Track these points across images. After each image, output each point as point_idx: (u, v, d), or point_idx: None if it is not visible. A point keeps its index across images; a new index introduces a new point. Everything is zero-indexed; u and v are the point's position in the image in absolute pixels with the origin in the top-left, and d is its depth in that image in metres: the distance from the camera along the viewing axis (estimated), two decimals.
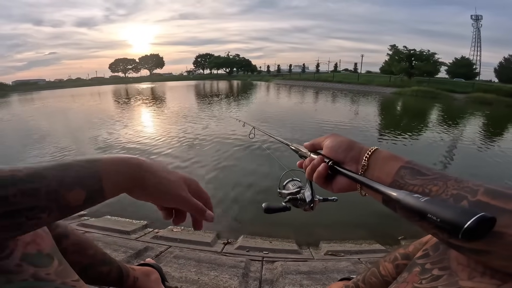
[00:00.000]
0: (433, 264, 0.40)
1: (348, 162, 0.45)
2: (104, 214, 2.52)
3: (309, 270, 1.37)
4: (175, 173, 0.44)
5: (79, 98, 22.58)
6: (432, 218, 0.28)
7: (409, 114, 13.39)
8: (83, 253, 0.66)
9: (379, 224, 2.60)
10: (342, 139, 0.48)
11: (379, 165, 0.42)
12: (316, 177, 0.48)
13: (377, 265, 0.68)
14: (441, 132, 8.03)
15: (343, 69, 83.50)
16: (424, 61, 31.27)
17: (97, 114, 11.20)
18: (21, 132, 8.23)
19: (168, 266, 1.31)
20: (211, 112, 11.15)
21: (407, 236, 2.26)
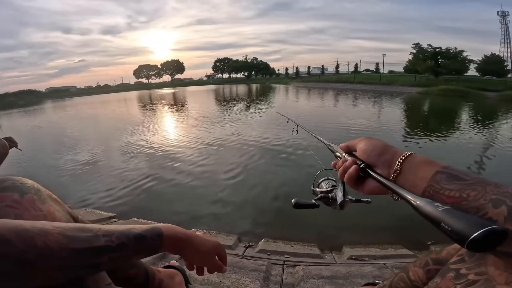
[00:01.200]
0: (469, 270, 0.40)
1: (380, 165, 0.45)
2: (131, 216, 2.63)
3: (331, 275, 1.35)
4: (208, 243, 0.57)
5: (108, 104, 23.76)
6: (445, 227, 0.30)
7: (437, 114, 12.73)
8: None
9: (406, 229, 2.49)
10: (376, 142, 0.48)
11: (413, 170, 0.41)
12: (346, 178, 0.49)
13: (406, 270, 0.66)
14: (473, 133, 7.56)
15: (364, 69, 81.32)
16: (451, 59, 29.65)
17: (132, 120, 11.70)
18: (57, 138, 8.76)
19: None
20: (236, 116, 11.29)
21: (437, 241, 2.15)
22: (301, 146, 5.56)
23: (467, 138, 6.95)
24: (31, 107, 29.48)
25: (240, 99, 20.85)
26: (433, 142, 6.37)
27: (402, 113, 12.21)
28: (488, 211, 0.32)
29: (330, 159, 0.58)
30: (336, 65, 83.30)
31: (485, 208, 0.32)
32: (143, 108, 17.99)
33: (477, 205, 0.33)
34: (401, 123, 9.44)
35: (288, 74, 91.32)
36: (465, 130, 8.07)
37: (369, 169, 0.46)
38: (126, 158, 5.51)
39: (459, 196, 0.35)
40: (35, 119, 16.79)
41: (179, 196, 3.51)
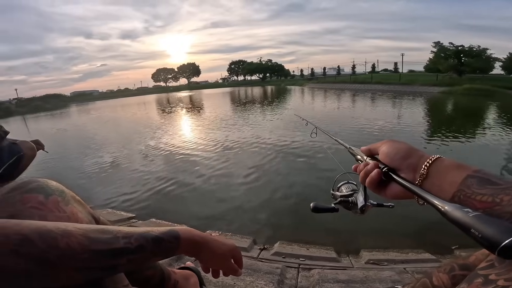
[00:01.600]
0: (498, 275, 0.38)
1: (405, 169, 0.44)
2: (150, 217, 2.70)
3: (348, 279, 1.32)
4: (223, 246, 0.56)
5: (129, 107, 24.61)
6: (475, 234, 0.29)
7: (462, 114, 12.15)
8: None
9: (428, 233, 2.40)
10: (400, 145, 0.47)
11: (441, 174, 0.40)
12: (368, 182, 0.48)
13: (429, 276, 0.64)
14: (503, 134, 7.15)
15: (381, 69, 79.00)
16: (474, 57, 28.28)
17: (151, 123, 12.01)
18: (82, 141, 9.13)
19: None
20: (253, 118, 11.35)
21: (462, 245, 2.05)
22: (318, 149, 5.50)
23: (496, 139, 6.58)
24: (57, 111, 31.09)
25: (256, 101, 20.93)
26: (461, 144, 6.09)
27: (425, 114, 11.74)
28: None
29: (350, 163, 0.57)
30: (353, 65, 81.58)
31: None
32: (162, 111, 18.46)
33: (511, 210, 0.32)
34: (424, 124, 9.08)
35: (303, 75, 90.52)
36: (493, 130, 7.64)
37: (392, 173, 0.45)
38: (146, 160, 5.67)
39: (491, 201, 0.33)
40: (61, 122, 17.68)
41: (196, 198, 3.57)
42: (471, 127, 8.30)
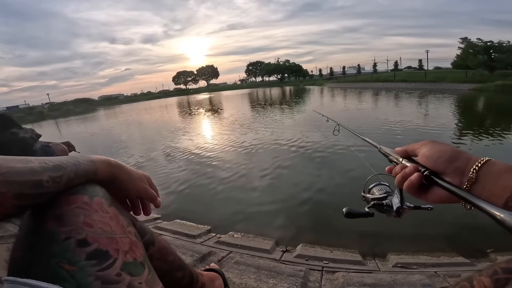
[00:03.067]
0: None
1: (450, 173, 0.41)
2: (174, 218, 2.78)
3: (374, 283, 1.28)
4: (137, 171, 0.60)
5: (152, 110, 25.44)
6: None
7: (495, 112, 11.37)
8: (164, 259, 0.70)
9: (460, 235, 2.28)
10: (443, 147, 0.44)
11: (493, 178, 0.37)
12: (407, 186, 0.46)
13: (470, 280, 0.60)
14: None
15: (405, 67, 75.70)
16: (505, 53, 26.42)
17: (174, 126, 12.29)
18: (110, 144, 9.56)
19: (230, 272, 1.37)
20: (273, 117, 11.36)
21: (498, 248, 1.92)
22: (340, 148, 5.39)
23: None
24: (87, 115, 32.80)
25: (275, 102, 20.88)
26: (494, 144, 5.69)
27: (456, 112, 11.10)
28: None
29: (375, 162, 0.54)
30: (374, 63, 79.10)
31: None
32: (183, 113, 18.91)
33: None
34: (455, 123, 8.59)
35: (322, 75, 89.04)
36: None
37: (435, 177, 0.42)
38: (169, 162, 5.81)
39: None
40: (91, 125, 18.63)
41: (218, 199, 3.61)
42: (507, 125, 7.74)
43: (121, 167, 0.56)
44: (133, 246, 0.44)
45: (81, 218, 0.41)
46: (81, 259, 0.38)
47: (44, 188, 0.41)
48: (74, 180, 0.45)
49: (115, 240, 0.42)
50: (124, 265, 0.41)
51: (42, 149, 1.54)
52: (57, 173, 0.43)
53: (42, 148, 1.53)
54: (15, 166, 0.39)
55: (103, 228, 0.42)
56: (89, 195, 0.45)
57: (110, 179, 0.52)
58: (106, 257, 0.39)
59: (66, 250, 0.38)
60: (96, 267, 0.38)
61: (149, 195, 0.61)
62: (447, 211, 2.49)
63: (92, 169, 0.49)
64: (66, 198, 0.43)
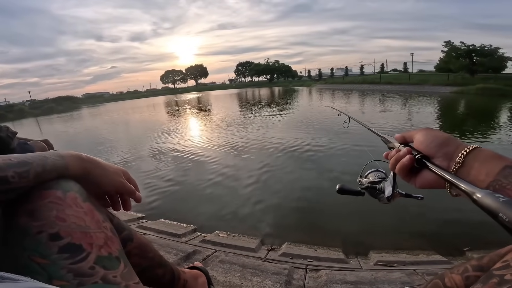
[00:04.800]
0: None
1: (440, 157, 0.43)
2: (159, 217, 2.73)
3: (356, 280, 1.31)
4: (113, 166, 0.58)
5: (139, 109, 24.94)
6: (502, 218, 0.29)
7: (475, 114, 11.83)
8: (144, 255, 0.70)
9: (439, 234, 2.36)
10: (437, 133, 0.46)
11: (478, 163, 0.39)
12: (398, 168, 0.48)
13: (442, 277, 0.64)
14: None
15: (391, 69, 77.80)
16: (487, 57, 27.57)
17: (160, 125, 12.15)
18: (92, 142, 9.35)
19: (214, 270, 1.37)
20: (260, 117, 11.38)
21: (474, 247, 2.00)
22: (331, 148, 5.46)
23: (508, 138, 6.39)
24: (69, 113, 31.81)
25: (264, 102, 20.94)
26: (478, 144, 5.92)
27: (438, 114, 11.50)
28: None
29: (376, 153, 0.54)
30: (361, 65, 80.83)
31: None
32: (171, 113, 18.65)
33: None
34: (437, 125, 8.88)
35: (310, 76, 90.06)
36: (508, 131, 7.43)
37: (426, 160, 0.44)
38: (155, 161, 5.74)
39: None
40: (74, 124, 18.07)
41: (204, 199, 3.59)
42: (486, 127, 8.08)
43: (94, 161, 0.54)
44: (109, 241, 0.45)
45: (53, 213, 0.41)
46: (53, 253, 0.38)
47: (11, 184, 0.40)
48: (42, 174, 0.44)
49: (89, 234, 0.42)
50: (98, 259, 0.41)
51: (21, 146, 1.48)
52: (23, 168, 0.42)
53: (20, 146, 1.47)
54: None
55: (77, 223, 0.42)
56: (62, 190, 0.44)
57: (83, 174, 0.51)
58: (79, 250, 0.40)
59: (38, 243, 0.39)
60: (69, 260, 0.39)
61: (127, 189, 0.59)
62: (428, 209, 2.58)
63: (61, 164, 0.48)
64: (39, 193, 0.43)
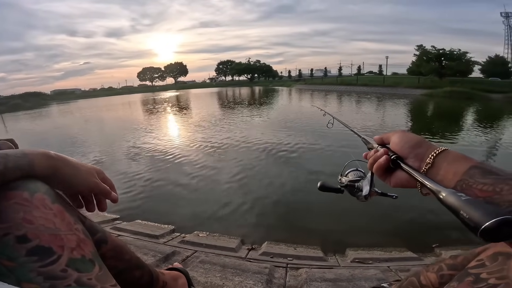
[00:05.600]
0: (490, 274, 0.39)
1: (412, 158, 0.46)
2: (135, 218, 2.64)
3: (334, 278, 1.34)
4: (86, 165, 0.55)
5: (114, 107, 23.93)
6: (463, 215, 0.30)
7: (443, 116, 12.61)
8: (119, 258, 0.68)
9: (411, 231, 2.49)
10: (411, 135, 0.49)
11: (446, 164, 0.41)
12: (375, 168, 0.50)
13: (417, 275, 0.65)
14: (480, 135, 7.48)
15: (367, 71, 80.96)
16: (455, 61, 29.46)
17: (137, 124, 11.73)
18: (63, 141, 8.86)
19: (194, 271, 1.34)
20: (239, 118, 11.32)
21: (441, 243, 2.13)
22: (314, 146, 5.55)
23: (476, 140, 6.88)
24: (37, 110, 29.83)
25: (244, 101, 20.91)
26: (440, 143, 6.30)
27: (409, 116, 12.13)
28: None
29: None
30: (339, 67, 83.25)
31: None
32: (148, 112, 18.05)
33: (510, 199, 0.32)
34: (408, 127, 9.36)
35: (291, 76, 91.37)
36: (474, 132, 7.98)
37: (400, 161, 0.47)
38: (131, 161, 5.54)
39: (492, 190, 0.34)
40: (41, 121, 16.98)
41: (183, 199, 3.52)
42: (453, 129, 8.63)
43: (64, 160, 0.50)
44: (81, 243, 0.44)
45: (20, 215, 0.39)
46: (21, 255, 0.38)
47: None
48: (5, 173, 0.41)
49: (60, 237, 0.41)
50: (70, 261, 0.40)
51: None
52: None
53: None
54: None
55: (45, 225, 0.41)
56: (29, 191, 0.42)
57: (51, 173, 0.48)
58: (49, 253, 0.39)
59: (5, 246, 0.38)
60: (38, 263, 0.38)
61: (101, 190, 0.56)
62: (400, 208, 2.71)
63: (24, 162, 0.44)
64: (3, 194, 0.41)
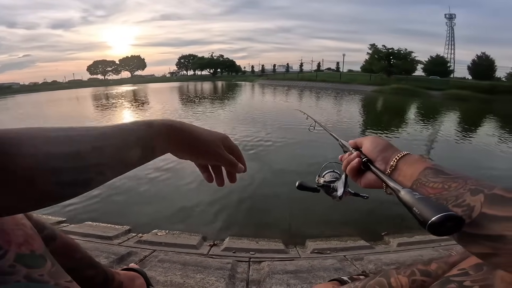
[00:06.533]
0: (474, 282, 0.41)
1: (379, 161, 0.51)
2: (84, 220, 2.41)
3: (295, 269, 1.37)
4: (212, 133, 0.49)
5: (59, 102, 21.65)
6: (415, 211, 0.34)
7: (390, 111, 13.81)
8: (69, 255, 0.66)
9: (364, 221, 2.65)
10: (380, 141, 0.54)
11: (406, 166, 0.46)
12: (348, 169, 0.56)
13: (387, 276, 0.64)
14: (421, 128, 8.35)
15: (326, 68, 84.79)
16: (402, 60, 32.44)
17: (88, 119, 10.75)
18: None
19: (153, 271, 1.28)
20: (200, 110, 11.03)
21: (389, 232, 2.31)
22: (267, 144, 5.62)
23: (416, 133, 7.65)
24: None
25: (209, 96, 20.46)
26: (389, 139, 6.88)
27: (361, 111, 13.03)
28: (466, 198, 0.35)
29: None
30: (300, 63, 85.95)
31: (464, 196, 0.35)
32: (100, 107, 16.67)
33: (456, 194, 0.36)
34: (360, 120, 10.04)
35: (254, 72, 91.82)
36: (415, 125, 8.87)
37: (370, 163, 0.52)
38: None
39: (441, 187, 0.39)
40: None
41: (138, 197, 3.33)
42: (399, 123, 9.50)
43: (187, 128, 0.46)
44: (29, 238, 0.43)
45: None
46: None
47: (86, 161, 0.33)
48: (123, 148, 0.37)
49: (6, 232, 0.40)
50: (18, 257, 0.39)
51: None
52: (102, 142, 0.35)
53: None
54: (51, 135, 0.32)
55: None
56: None
57: (174, 147, 0.45)
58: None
59: None
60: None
61: (225, 161, 0.50)
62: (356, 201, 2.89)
63: (147, 134, 0.40)
64: None
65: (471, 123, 10.55)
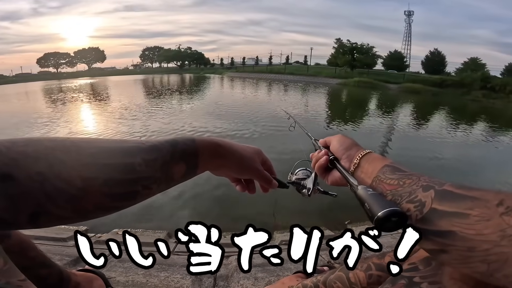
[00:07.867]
0: (423, 278, 0.41)
1: (345, 159, 0.53)
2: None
3: (263, 262, 1.37)
4: (247, 147, 0.51)
5: (5, 98, 19.39)
6: (366, 207, 0.37)
7: (353, 103, 14.53)
8: (23, 254, 0.64)
9: (329, 212, 2.77)
10: (345, 139, 0.56)
11: (368, 165, 0.49)
12: (317, 167, 0.57)
13: (345, 271, 0.66)
14: (380, 119, 8.90)
15: (294, 61, 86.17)
16: (364, 54, 34.15)
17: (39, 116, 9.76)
18: None
19: (112, 271, 1.22)
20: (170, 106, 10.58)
21: (352, 220, 2.44)
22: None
23: (375, 123, 8.14)
24: None
25: (175, 89, 19.71)
26: (352, 129, 7.24)
27: (327, 103, 13.51)
28: (418, 194, 0.36)
29: None
30: (270, 56, 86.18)
31: (416, 192, 0.37)
32: (52, 102, 15.24)
33: (409, 190, 0.38)
34: (326, 112, 10.42)
35: (223, 64, 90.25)
36: (374, 116, 9.43)
37: (336, 161, 0.54)
38: None
39: (397, 184, 0.41)
40: None
41: None
42: (360, 114, 10.04)
43: (228, 145, 0.47)
44: None
45: None
46: None
47: (136, 173, 0.35)
48: (170, 163, 0.39)
49: None
50: None
51: None
52: (151, 155, 0.37)
53: None
54: (106, 146, 0.35)
55: None
56: None
57: (214, 165, 0.46)
58: None
59: None
60: None
61: (262, 178, 0.52)
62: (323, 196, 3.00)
63: (190, 150, 0.41)
64: None
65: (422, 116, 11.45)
